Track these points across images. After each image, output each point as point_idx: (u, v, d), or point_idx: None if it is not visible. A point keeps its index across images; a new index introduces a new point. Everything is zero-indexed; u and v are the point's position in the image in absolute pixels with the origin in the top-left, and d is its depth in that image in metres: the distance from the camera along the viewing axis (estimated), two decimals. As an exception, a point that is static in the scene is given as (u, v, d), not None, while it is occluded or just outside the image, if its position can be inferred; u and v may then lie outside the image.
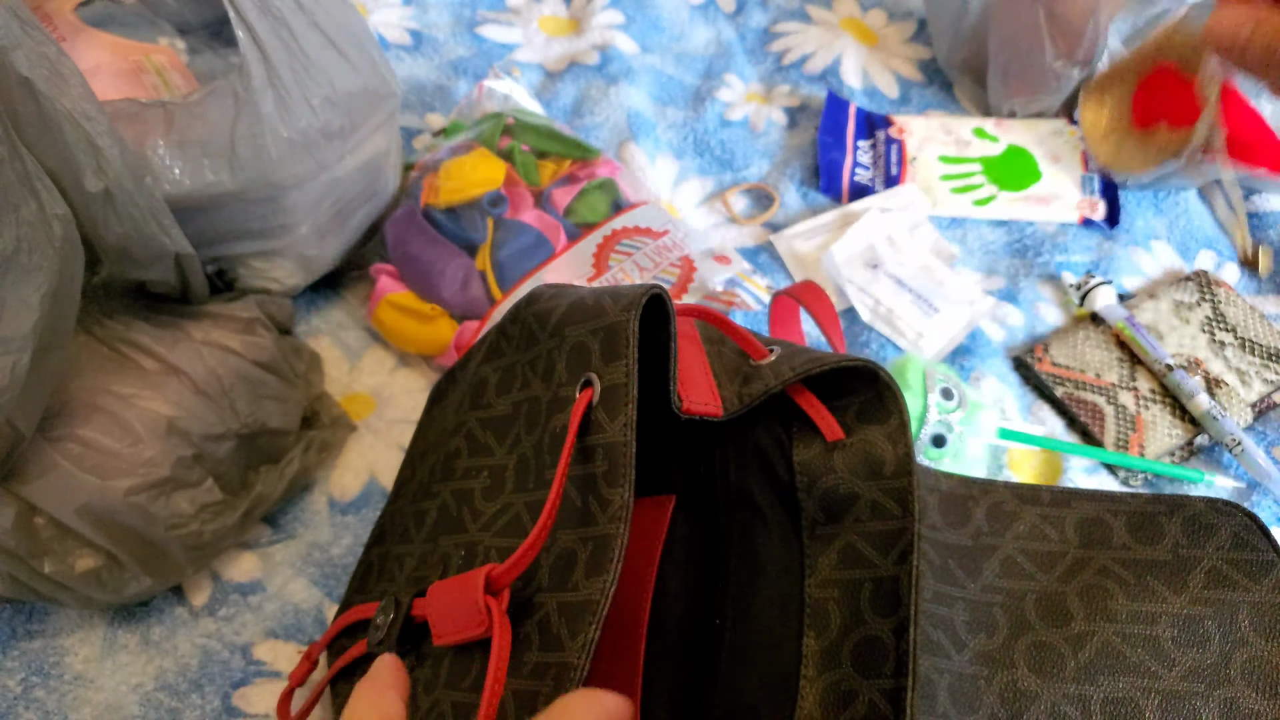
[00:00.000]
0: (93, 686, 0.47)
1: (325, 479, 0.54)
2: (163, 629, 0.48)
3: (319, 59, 0.49)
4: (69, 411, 0.44)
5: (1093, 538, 0.40)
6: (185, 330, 0.48)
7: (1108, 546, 0.39)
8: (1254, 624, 0.36)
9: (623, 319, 0.34)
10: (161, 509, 0.44)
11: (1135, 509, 0.40)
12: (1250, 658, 0.36)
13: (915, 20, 0.84)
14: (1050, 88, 0.71)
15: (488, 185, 0.59)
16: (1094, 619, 0.37)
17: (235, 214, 0.50)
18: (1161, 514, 0.40)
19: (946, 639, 0.37)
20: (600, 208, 0.61)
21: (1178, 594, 0.37)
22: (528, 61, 0.79)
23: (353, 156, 0.54)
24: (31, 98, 0.38)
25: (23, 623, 0.48)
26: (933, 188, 0.70)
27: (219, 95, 0.47)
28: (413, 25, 0.80)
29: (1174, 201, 0.70)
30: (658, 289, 0.34)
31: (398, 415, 0.57)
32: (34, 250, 0.38)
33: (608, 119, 0.73)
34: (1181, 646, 0.36)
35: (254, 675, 0.47)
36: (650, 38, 0.81)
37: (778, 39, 0.82)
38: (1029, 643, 0.38)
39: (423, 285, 0.57)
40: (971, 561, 0.40)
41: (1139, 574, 0.38)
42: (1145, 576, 0.38)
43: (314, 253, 0.56)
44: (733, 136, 0.74)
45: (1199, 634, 0.36)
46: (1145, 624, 0.37)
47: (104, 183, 0.41)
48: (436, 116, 0.74)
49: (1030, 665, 0.37)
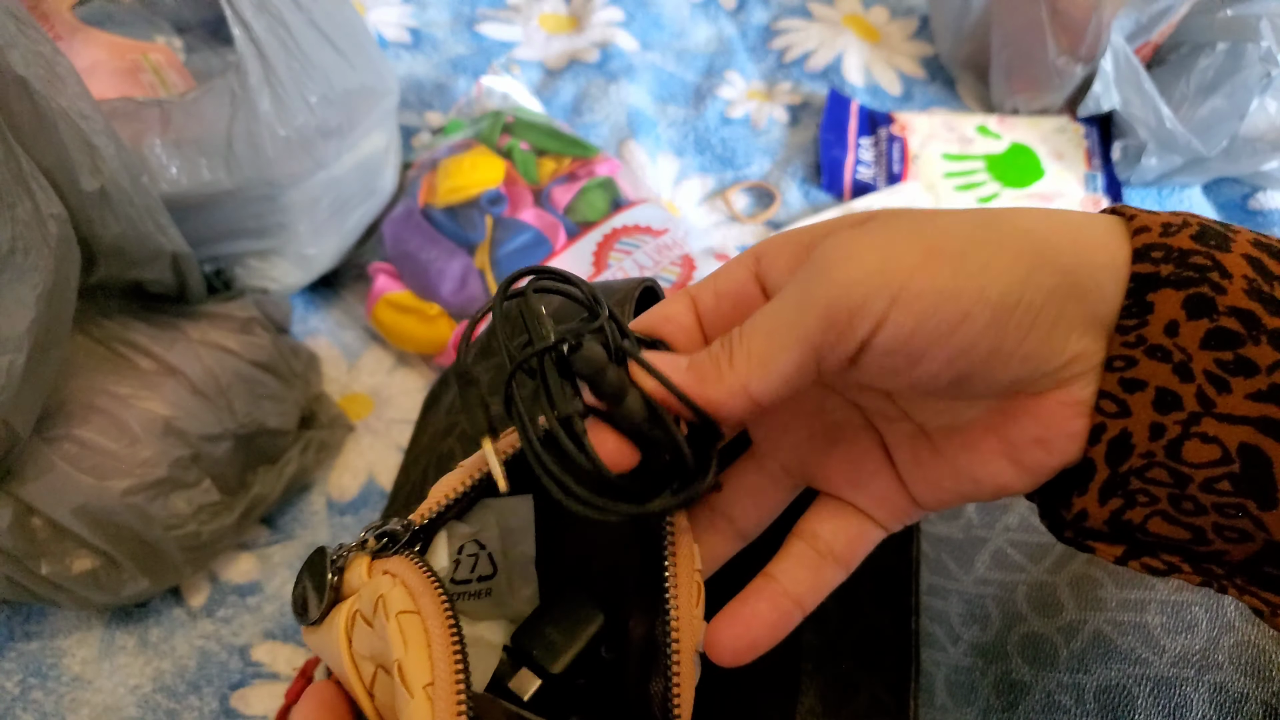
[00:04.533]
0: (90, 688, 0.46)
1: (323, 479, 0.54)
2: (160, 630, 0.48)
3: (316, 57, 0.49)
4: (66, 412, 0.44)
5: None
6: (182, 330, 0.48)
7: None
8: (1240, 609, 0.36)
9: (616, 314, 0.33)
10: (159, 509, 0.44)
11: None
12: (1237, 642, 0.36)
13: (918, 17, 0.83)
14: (1053, 84, 0.71)
15: (487, 184, 0.59)
16: (1084, 608, 0.38)
17: (232, 213, 0.50)
18: None
19: (942, 632, 0.37)
20: (600, 206, 0.61)
21: (1165, 581, 0.38)
22: (527, 59, 0.78)
23: (350, 155, 0.53)
24: (27, 96, 0.38)
25: (20, 624, 0.48)
26: (935, 185, 0.70)
27: (216, 94, 0.47)
28: (411, 23, 0.79)
29: (1178, 199, 0.70)
30: (649, 282, 0.34)
31: (396, 415, 0.57)
32: (29, 250, 0.38)
33: (608, 117, 0.73)
34: (1170, 633, 0.36)
35: (252, 676, 0.47)
36: (651, 35, 0.81)
37: (779, 36, 0.81)
38: (1022, 633, 0.38)
39: (421, 284, 0.57)
40: (963, 554, 0.40)
41: None
42: None
43: (312, 252, 0.56)
44: (734, 134, 0.73)
45: (1187, 620, 0.37)
46: (1135, 611, 0.37)
47: (100, 181, 0.41)
48: (435, 115, 0.73)
49: (1023, 656, 0.37)
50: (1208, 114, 0.66)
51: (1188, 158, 0.67)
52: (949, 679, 0.36)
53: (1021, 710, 0.36)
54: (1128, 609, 0.37)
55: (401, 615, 0.22)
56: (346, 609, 0.24)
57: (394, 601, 0.22)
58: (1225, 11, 0.66)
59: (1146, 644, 0.36)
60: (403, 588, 0.23)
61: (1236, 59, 0.64)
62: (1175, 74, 0.67)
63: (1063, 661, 0.36)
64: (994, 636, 0.38)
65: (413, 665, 0.21)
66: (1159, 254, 0.21)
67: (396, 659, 0.22)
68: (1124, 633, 0.37)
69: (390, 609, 0.22)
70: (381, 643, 0.22)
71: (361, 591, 0.24)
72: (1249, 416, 0.20)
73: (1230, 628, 0.36)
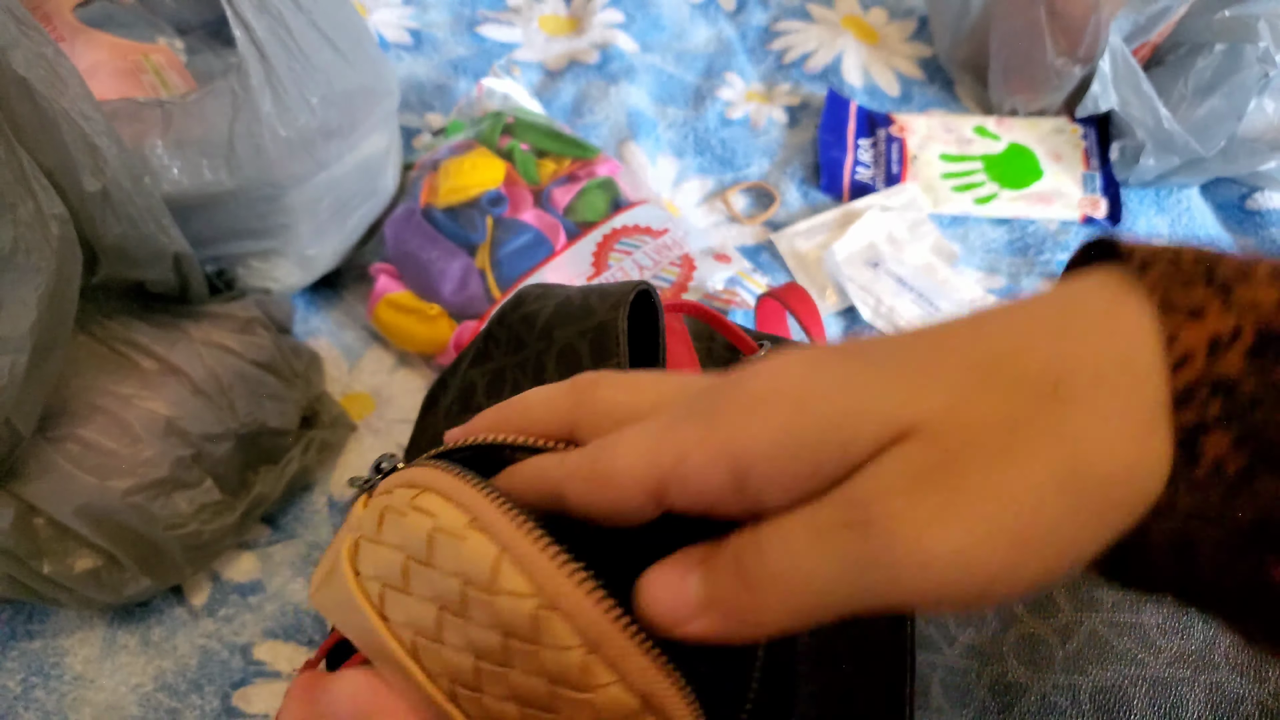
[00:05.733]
0: (92, 687, 0.47)
1: (325, 479, 0.54)
2: (162, 629, 0.48)
3: (317, 58, 0.49)
4: (68, 411, 0.44)
5: None
6: (184, 330, 0.48)
7: None
8: None
9: (611, 318, 0.34)
10: (161, 509, 0.44)
11: None
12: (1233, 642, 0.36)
13: (916, 18, 0.84)
14: (1052, 85, 0.71)
15: (487, 184, 0.59)
16: (1080, 608, 0.38)
17: (234, 213, 0.50)
18: None
19: (937, 633, 0.37)
20: (600, 206, 0.61)
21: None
22: (528, 60, 0.78)
23: (351, 156, 0.53)
24: (29, 97, 0.38)
25: (22, 623, 0.48)
26: (934, 186, 0.70)
27: (217, 95, 0.47)
28: (412, 24, 0.80)
29: (1176, 200, 0.70)
30: (644, 285, 0.34)
31: (397, 415, 0.57)
32: (31, 250, 0.38)
33: (608, 118, 0.73)
34: (1167, 633, 0.36)
35: (254, 675, 0.47)
36: (650, 36, 0.81)
37: (778, 37, 0.81)
38: (1017, 634, 0.38)
39: (422, 284, 0.57)
40: None
41: None
42: None
43: (313, 252, 0.56)
44: (733, 135, 0.74)
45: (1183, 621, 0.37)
46: (1131, 612, 0.37)
47: (102, 182, 0.41)
48: (436, 116, 0.74)
49: (1019, 657, 0.37)
50: (1206, 114, 0.66)
51: (1186, 158, 0.67)
52: (944, 681, 0.36)
53: (1017, 712, 0.36)
54: (1124, 609, 0.37)
55: (417, 497, 0.21)
56: (347, 541, 0.23)
57: (399, 497, 0.21)
58: (1223, 12, 0.66)
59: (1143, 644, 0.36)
60: (403, 485, 0.22)
61: (1234, 60, 0.65)
62: (1173, 75, 0.67)
63: (1059, 662, 0.36)
64: (989, 638, 0.38)
65: (444, 516, 0.20)
66: (1205, 393, 0.17)
67: (427, 530, 0.20)
68: (1120, 633, 0.37)
69: (400, 503, 0.21)
70: (394, 550, 0.21)
71: (361, 516, 0.23)
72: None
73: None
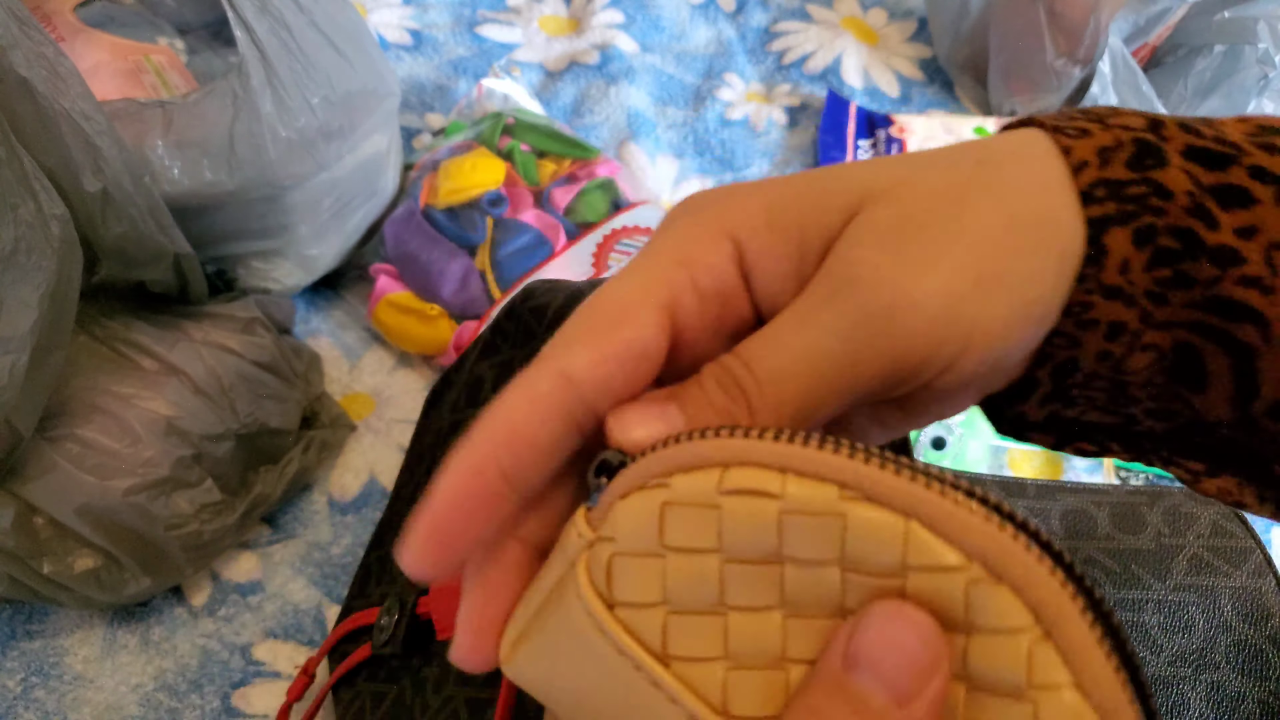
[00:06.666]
0: (92, 687, 0.47)
1: (325, 479, 0.54)
2: (162, 629, 0.48)
3: (318, 59, 0.49)
4: (68, 411, 0.44)
5: (1078, 529, 0.41)
6: (184, 330, 0.48)
7: (1093, 537, 0.40)
8: (1236, 609, 0.37)
9: None
10: (161, 509, 0.44)
11: (1118, 500, 0.41)
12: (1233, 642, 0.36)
13: (916, 19, 0.84)
14: (1051, 86, 0.71)
15: (487, 185, 0.59)
16: None
17: (234, 214, 0.50)
18: (1143, 504, 0.41)
19: None
20: (600, 207, 0.61)
21: (1162, 581, 0.38)
22: (528, 61, 0.78)
23: (352, 156, 0.54)
24: (29, 97, 0.38)
25: (22, 623, 0.48)
26: (933, 187, 0.70)
27: (218, 95, 0.47)
28: (412, 25, 0.80)
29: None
30: None
31: (398, 415, 0.57)
32: (32, 250, 0.38)
33: (608, 118, 0.73)
34: (1168, 633, 0.37)
35: (253, 675, 0.47)
36: (650, 37, 0.81)
37: (778, 38, 0.81)
38: None
39: (422, 285, 0.57)
40: None
41: (1124, 563, 0.39)
42: (1130, 565, 0.39)
43: (313, 252, 0.56)
44: (733, 136, 0.74)
45: (1184, 620, 0.37)
46: (1132, 611, 0.37)
47: (102, 183, 0.41)
48: (436, 116, 0.74)
49: None
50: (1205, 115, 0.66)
51: (1185, 159, 0.67)
52: None
53: (1018, 710, 0.36)
54: (1124, 609, 0.38)
55: (727, 476, 0.15)
56: (580, 563, 0.17)
57: (693, 485, 0.16)
58: (1223, 14, 0.66)
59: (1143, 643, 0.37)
60: (690, 468, 0.16)
61: (1234, 61, 0.65)
62: (1173, 76, 0.67)
63: None
64: None
65: (796, 491, 0.15)
66: (1102, 191, 0.20)
67: (773, 513, 0.15)
68: None
69: (697, 492, 0.15)
70: (695, 556, 0.16)
71: (616, 523, 0.17)
72: (1183, 321, 0.20)
73: (1227, 628, 0.36)
